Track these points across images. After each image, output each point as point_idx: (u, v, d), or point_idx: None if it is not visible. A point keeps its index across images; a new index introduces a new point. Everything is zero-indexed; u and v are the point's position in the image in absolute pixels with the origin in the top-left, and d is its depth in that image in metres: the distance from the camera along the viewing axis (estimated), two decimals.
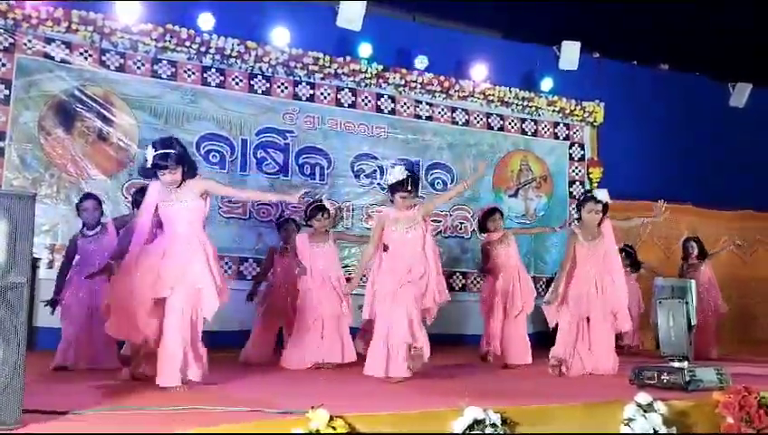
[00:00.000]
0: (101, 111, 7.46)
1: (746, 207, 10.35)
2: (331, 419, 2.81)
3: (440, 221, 9.01)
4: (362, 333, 6.02)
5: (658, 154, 10.05)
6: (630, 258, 8.44)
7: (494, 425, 3.07)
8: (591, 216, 5.58)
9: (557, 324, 5.63)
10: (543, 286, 8.98)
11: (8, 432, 2.57)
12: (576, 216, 5.83)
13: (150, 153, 4.25)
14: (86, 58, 7.44)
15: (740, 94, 10.94)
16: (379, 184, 8.58)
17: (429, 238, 4.97)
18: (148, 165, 4.27)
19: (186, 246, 4.23)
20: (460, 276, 9.02)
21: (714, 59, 10.11)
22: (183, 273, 4.17)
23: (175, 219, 4.30)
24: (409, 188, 4.81)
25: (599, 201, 5.58)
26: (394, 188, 4.86)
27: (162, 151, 4.22)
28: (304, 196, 4.67)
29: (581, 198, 6.06)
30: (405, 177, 4.80)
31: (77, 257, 5.73)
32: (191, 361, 4.17)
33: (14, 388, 2.66)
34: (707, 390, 4.03)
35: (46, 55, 7.27)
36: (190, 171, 4.34)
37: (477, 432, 3.02)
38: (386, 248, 4.95)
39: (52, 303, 5.63)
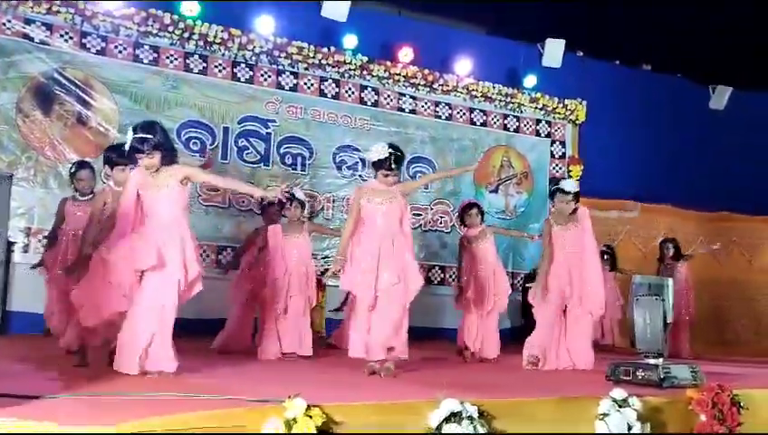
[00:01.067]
0: (81, 94, 7.38)
1: (724, 208, 10.46)
2: (308, 408, 2.79)
3: (420, 215, 9.02)
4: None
5: (638, 154, 10.15)
6: (610, 258, 8.52)
7: (470, 418, 3.07)
8: (562, 205, 5.75)
9: (533, 320, 5.68)
10: (521, 282, 9.05)
11: None
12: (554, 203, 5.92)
13: (129, 136, 4.20)
14: (66, 40, 7.35)
15: (720, 97, 11.05)
16: (360, 176, 8.57)
17: (408, 216, 4.88)
18: (126, 147, 4.20)
19: (165, 234, 4.15)
20: (439, 270, 9.04)
21: (695, 61, 10.21)
22: (159, 259, 4.09)
23: (155, 206, 4.22)
24: (392, 165, 4.74)
25: (567, 192, 5.73)
26: (376, 165, 4.79)
27: (141, 135, 4.15)
28: (287, 191, 4.58)
29: (552, 190, 6.15)
30: (387, 154, 4.72)
31: (65, 222, 5.68)
32: (160, 350, 4.07)
33: None
34: (681, 387, 4.08)
35: (26, 36, 7.17)
36: (169, 157, 4.27)
37: (453, 425, 3.02)
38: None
39: (39, 264, 5.60)
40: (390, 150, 4.75)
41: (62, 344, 4.90)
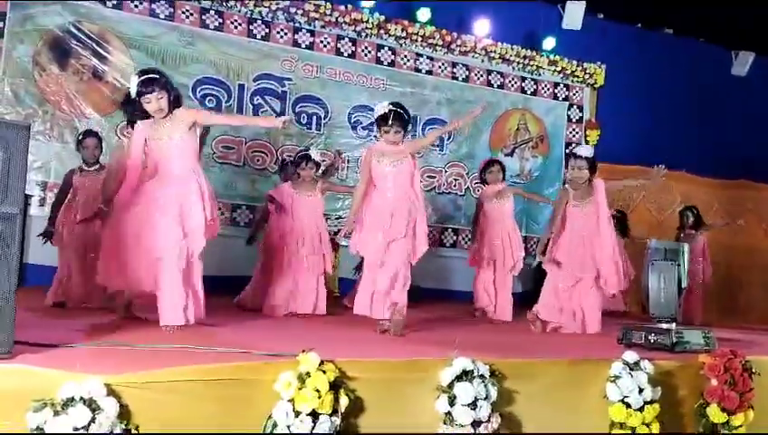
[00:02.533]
0: (97, 48, 7.34)
1: (741, 176, 10.35)
2: (322, 363, 2.82)
3: (434, 178, 9.00)
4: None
5: (657, 119, 10.00)
6: (621, 224, 8.47)
7: (482, 376, 3.10)
8: (576, 172, 5.54)
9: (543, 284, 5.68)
10: (534, 246, 9.02)
11: None
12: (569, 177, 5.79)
13: (134, 80, 4.13)
14: None
15: (742, 63, 10.85)
16: (375, 136, 8.48)
17: (418, 176, 4.85)
18: (133, 93, 4.13)
19: (181, 187, 4.11)
20: (452, 233, 9.05)
21: (718, 25, 9.99)
22: (180, 214, 4.07)
23: (167, 157, 4.16)
24: (390, 121, 4.65)
25: (579, 156, 5.55)
26: (377, 122, 4.77)
27: (147, 76, 4.12)
28: (287, 123, 4.50)
29: (567, 157, 6.02)
30: (387, 110, 4.67)
31: (72, 193, 5.67)
32: (189, 300, 4.09)
33: (6, 318, 2.65)
34: (693, 352, 4.08)
35: None
36: (177, 100, 4.21)
37: (465, 383, 3.04)
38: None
39: (46, 234, 5.61)
40: (390, 107, 4.70)
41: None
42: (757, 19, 9.52)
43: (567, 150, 9.71)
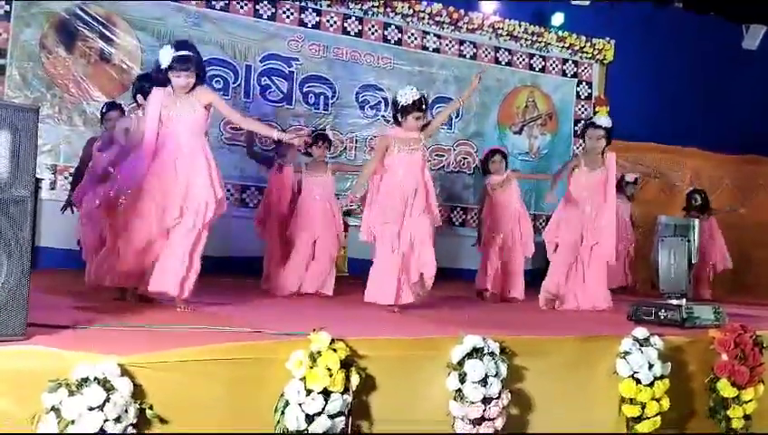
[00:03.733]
0: (104, 31, 7.33)
1: (752, 151, 10.28)
2: (332, 341, 2.84)
3: (443, 156, 8.97)
4: None
5: (667, 95, 9.91)
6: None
7: (492, 354, 3.11)
8: (593, 142, 5.59)
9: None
10: (543, 224, 9.01)
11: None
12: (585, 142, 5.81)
13: (168, 53, 4.06)
14: None
15: (753, 36, 10.71)
16: (383, 116, 8.51)
17: (426, 165, 4.90)
18: (164, 65, 4.06)
19: (190, 162, 4.09)
20: (460, 211, 9.03)
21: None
22: (189, 193, 4.06)
23: (178, 130, 4.12)
24: (424, 107, 4.69)
25: (598, 126, 5.59)
26: (407, 109, 4.69)
27: (184, 54, 4.06)
28: (310, 135, 4.50)
29: (584, 126, 6.02)
30: (419, 97, 4.67)
31: (91, 164, 5.64)
32: (190, 275, 4.10)
33: (19, 300, 2.68)
34: (704, 327, 4.08)
35: None
36: (201, 78, 4.19)
37: (475, 360, 3.05)
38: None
39: (68, 204, 5.61)
40: (420, 93, 4.71)
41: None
42: None
43: (576, 127, 9.67)
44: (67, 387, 2.36)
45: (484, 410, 2.99)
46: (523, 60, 9.50)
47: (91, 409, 2.35)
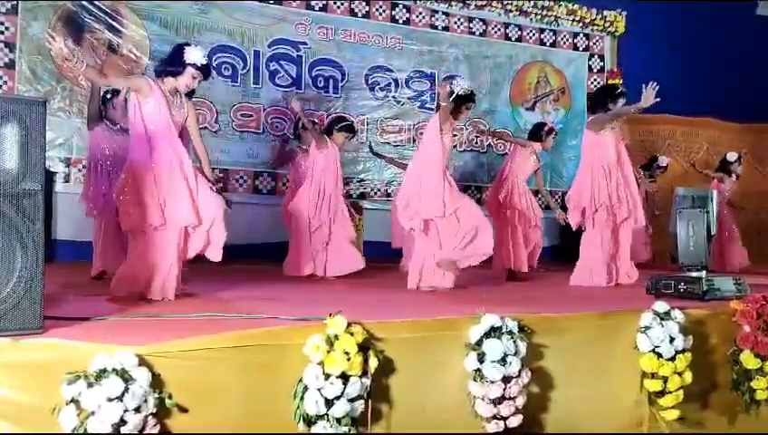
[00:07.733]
0: (111, 22, 7.33)
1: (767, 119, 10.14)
2: (349, 325, 2.82)
3: (456, 135, 8.88)
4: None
5: (681, 65, 9.76)
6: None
7: (510, 332, 3.08)
8: (623, 109, 5.66)
9: (578, 235, 5.66)
10: (558, 200, 8.94)
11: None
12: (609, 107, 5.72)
13: (199, 53, 4.16)
14: None
15: None
16: (393, 97, 8.47)
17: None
18: (200, 62, 4.13)
19: (176, 161, 4.09)
20: (475, 190, 8.98)
21: None
22: (177, 194, 4.05)
23: (167, 130, 4.11)
24: (475, 99, 5.18)
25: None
26: (463, 99, 5.00)
27: (208, 63, 4.25)
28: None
29: (613, 94, 5.86)
30: (471, 90, 5.10)
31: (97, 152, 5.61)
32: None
33: (35, 293, 2.68)
34: (725, 299, 4.02)
35: None
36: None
37: (494, 340, 3.03)
38: None
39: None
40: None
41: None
42: None
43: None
44: (86, 378, 2.36)
45: (504, 389, 2.97)
46: (534, 35, 9.39)
47: (110, 399, 2.34)
